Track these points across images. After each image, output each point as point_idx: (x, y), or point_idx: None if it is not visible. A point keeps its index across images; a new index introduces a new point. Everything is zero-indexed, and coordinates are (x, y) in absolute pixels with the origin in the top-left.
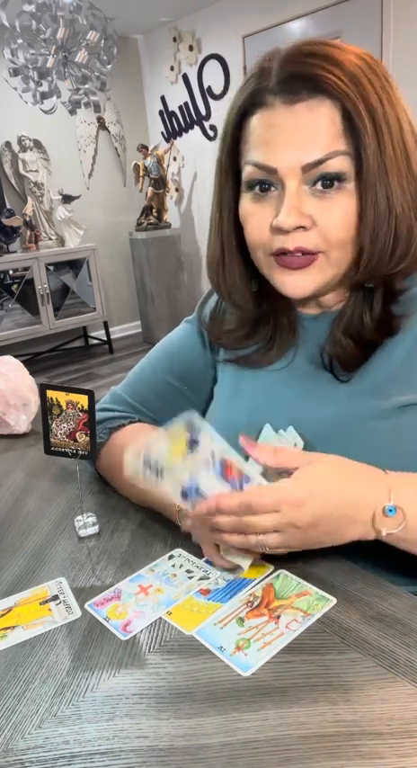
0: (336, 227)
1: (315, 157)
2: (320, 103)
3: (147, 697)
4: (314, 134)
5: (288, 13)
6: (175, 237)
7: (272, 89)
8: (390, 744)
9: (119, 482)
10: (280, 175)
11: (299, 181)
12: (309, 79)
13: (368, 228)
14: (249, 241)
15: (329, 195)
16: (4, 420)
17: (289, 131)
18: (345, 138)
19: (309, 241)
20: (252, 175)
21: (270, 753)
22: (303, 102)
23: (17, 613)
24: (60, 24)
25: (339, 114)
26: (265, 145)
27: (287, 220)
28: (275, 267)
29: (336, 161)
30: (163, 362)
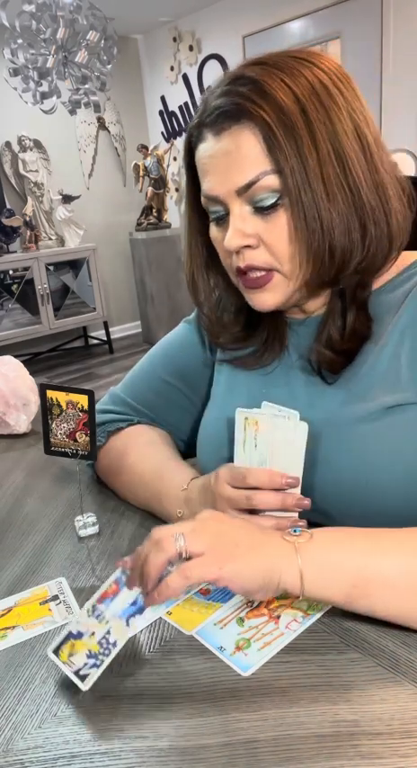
0: (279, 242)
1: (244, 181)
2: (242, 129)
3: (147, 697)
4: (240, 159)
5: (288, 13)
6: (175, 237)
7: (205, 122)
8: (390, 744)
9: (118, 484)
10: (223, 201)
11: (240, 203)
12: (231, 109)
13: (301, 240)
14: (222, 263)
15: (268, 213)
16: (4, 420)
17: (220, 160)
18: (270, 157)
19: (258, 258)
20: (205, 204)
21: (270, 753)
22: (227, 130)
23: (17, 613)
24: (60, 24)
25: (259, 137)
26: (206, 175)
27: (230, 242)
28: (241, 286)
29: (266, 180)
30: (162, 363)
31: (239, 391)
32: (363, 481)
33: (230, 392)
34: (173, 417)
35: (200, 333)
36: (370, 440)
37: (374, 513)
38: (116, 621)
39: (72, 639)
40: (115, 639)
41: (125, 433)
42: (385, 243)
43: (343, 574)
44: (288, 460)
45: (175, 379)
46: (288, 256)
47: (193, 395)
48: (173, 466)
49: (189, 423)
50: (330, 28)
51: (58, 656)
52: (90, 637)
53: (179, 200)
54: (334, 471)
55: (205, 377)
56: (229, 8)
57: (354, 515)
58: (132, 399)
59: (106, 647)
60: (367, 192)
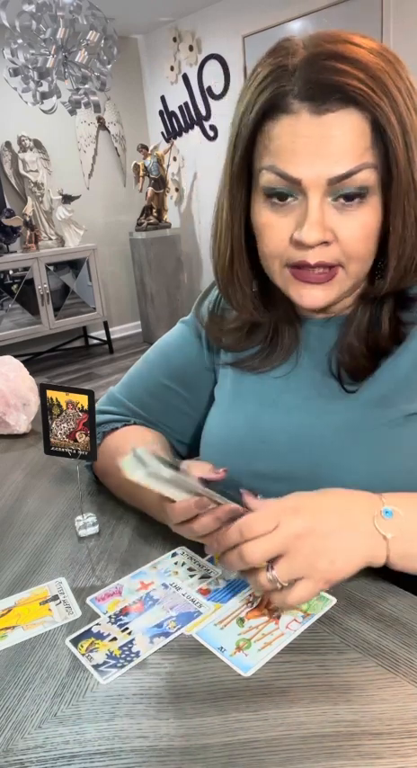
0: (357, 241)
1: (343, 171)
2: (350, 114)
3: (147, 697)
4: (343, 147)
5: (288, 13)
6: (175, 237)
7: (298, 94)
8: (390, 744)
9: (114, 485)
10: (304, 187)
11: (323, 193)
12: (338, 89)
13: (396, 242)
14: (265, 251)
15: (351, 208)
16: (4, 420)
17: (316, 143)
18: (373, 150)
19: (330, 255)
20: (272, 183)
21: (270, 753)
22: (332, 112)
23: (17, 613)
24: (60, 24)
25: (369, 126)
26: (289, 154)
27: (310, 236)
28: (292, 281)
29: (363, 174)
30: (158, 364)
31: (247, 395)
32: (380, 489)
33: (238, 396)
34: (170, 419)
35: (198, 333)
36: (389, 447)
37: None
38: (140, 635)
39: (93, 637)
40: (138, 650)
41: (119, 434)
42: None
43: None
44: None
45: (171, 381)
46: (360, 255)
47: (191, 397)
48: None
49: (187, 425)
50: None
51: (77, 648)
52: (111, 641)
53: (179, 200)
54: (351, 478)
55: (204, 378)
56: (229, 8)
57: None
58: (129, 401)
59: (129, 655)
60: None
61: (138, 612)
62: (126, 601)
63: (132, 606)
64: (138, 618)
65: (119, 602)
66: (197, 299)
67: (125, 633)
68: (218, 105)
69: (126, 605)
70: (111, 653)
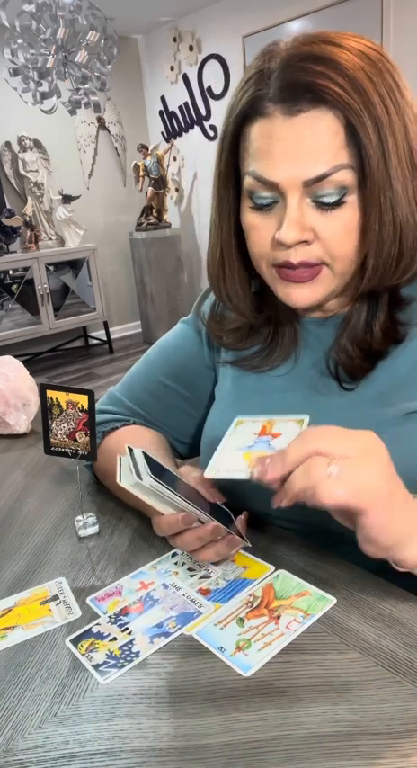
0: (338, 240)
1: (317, 173)
2: (322, 115)
3: (147, 697)
4: (316, 148)
5: (288, 13)
6: (175, 237)
7: (272, 97)
8: (390, 744)
9: (115, 485)
10: (281, 189)
11: (301, 194)
12: (310, 89)
13: (372, 241)
14: (252, 252)
15: (330, 208)
16: (4, 420)
17: (290, 144)
18: (348, 150)
19: (312, 254)
20: (253, 187)
21: (270, 753)
22: (303, 113)
23: (17, 613)
24: (60, 24)
25: (342, 126)
26: (265, 158)
27: (288, 235)
28: (278, 280)
29: (339, 175)
30: (158, 364)
31: (249, 394)
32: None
33: (239, 394)
34: (170, 419)
35: (199, 332)
36: (388, 446)
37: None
38: (140, 635)
39: (93, 637)
40: (138, 650)
41: (119, 434)
42: None
43: None
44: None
45: (172, 381)
46: (343, 254)
47: (191, 396)
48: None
49: (187, 424)
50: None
51: (77, 648)
52: (111, 641)
53: (179, 200)
54: None
55: (204, 377)
56: (229, 8)
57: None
58: (129, 400)
59: (129, 655)
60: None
61: (138, 612)
62: (126, 601)
63: (132, 606)
64: (138, 618)
65: (119, 602)
66: (197, 299)
67: (125, 633)
68: (218, 105)
69: (126, 605)
70: (111, 653)
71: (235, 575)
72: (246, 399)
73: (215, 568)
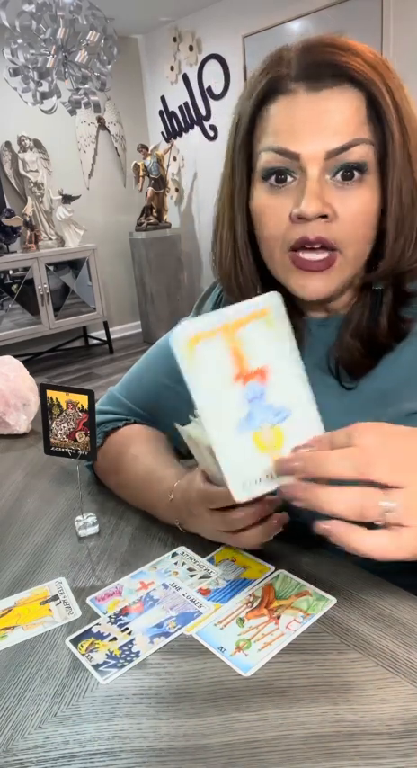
0: (357, 219)
1: (340, 143)
2: (345, 90)
3: (147, 697)
4: (339, 121)
5: (288, 13)
6: (175, 237)
7: (295, 76)
8: (390, 744)
9: (115, 484)
10: (302, 162)
11: (321, 169)
12: (333, 66)
13: (393, 221)
14: (265, 235)
15: (350, 187)
16: (4, 420)
17: (314, 117)
18: (369, 126)
19: (330, 233)
20: (270, 163)
21: (270, 753)
22: (328, 88)
23: (17, 613)
24: (60, 24)
25: (364, 102)
26: (288, 131)
27: (309, 207)
28: (292, 270)
29: (360, 149)
30: (158, 364)
31: None
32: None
33: None
34: (171, 419)
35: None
36: None
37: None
38: (140, 635)
39: (93, 637)
40: (138, 650)
41: (121, 433)
42: None
43: None
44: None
45: (172, 381)
46: (359, 236)
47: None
48: (161, 470)
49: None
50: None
51: (77, 648)
52: (111, 641)
53: (179, 200)
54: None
55: None
56: (229, 8)
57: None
58: (129, 400)
59: (129, 655)
60: None
61: (138, 612)
62: (126, 601)
63: (132, 606)
64: (138, 618)
65: (119, 602)
66: (198, 299)
67: (125, 633)
68: (218, 105)
69: (126, 605)
70: (111, 653)
71: (235, 575)
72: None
73: (215, 568)
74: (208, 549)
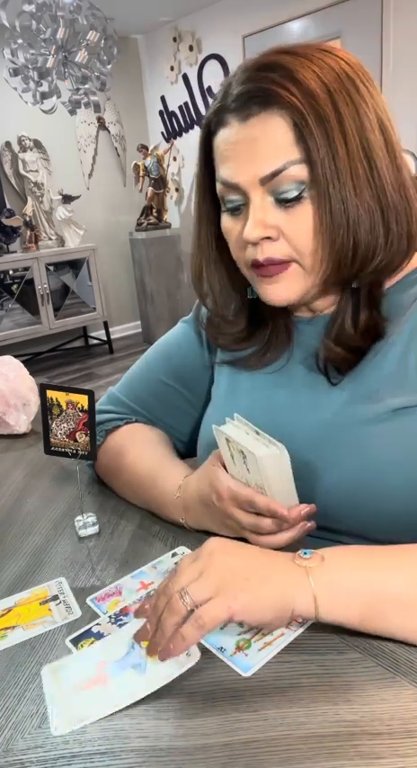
0: (301, 235)
1: (270, 169)
2: (270, 116)
3: (148, 697)
4: (268, 147)
5: (288, 13)
6: (175, 237)
7: (229, 107)
8: (390, 744)
9: (117, 484)
10: (243, 190)
11: (262, 193)
12: (258, 94)
13: (325, 234)
14: (233, 256)
15: (291, 205)
16: (4, 420)
17: (244, 146)
18: (299, 146)
19: (278, 251)
20: (222, 192)
21: (270, 753)
22: (255, 116)
23: (17, 613)
24: (60, 24)
25: (289, 125)
26: (226, 162)
27: (251, 233)
28: (257, 280)
29: (293, 170)
30: (159, 363)
31: (241, 393)
32: (369, 483)
33: (232, 393)
34: (171, 418)
35: (199, 333)
36: (376, 441)
37: (379, 517)
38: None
39: (93, 637)
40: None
41: (122, 432)
42: (404, 242)
43: (357, 596)
44: (283, 488)
45: (172, 380)
46: (309, 250)
47: (191, 395)
48: (166, 467)
49: (187, 423)
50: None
51: (77, 648)
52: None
53: (179, 200)
54: (339, 473)
55: (203, 377)
56: (229, 8)
57: (360, 518)
58: (129, 400)
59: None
60: (391, 191)
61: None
62: (126, 601)
63: (132, 606)
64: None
65: (119, 602)
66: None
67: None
68: None
69: (126, 605)
70: None
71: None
72: (238, 399)
73: None
74: None
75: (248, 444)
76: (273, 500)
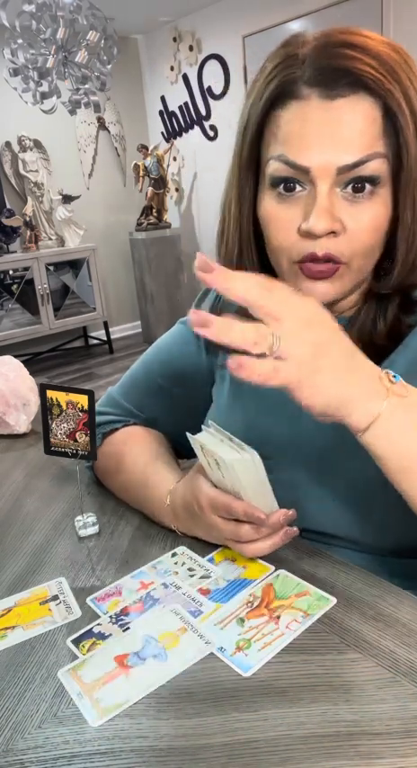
0: (366, 233)
1: (353, 159)
2: (360, 100)
3: (147, 697)
4: (354, 133)
5: (288, 13)
6: (175, 237)
7: (308, 79)
8: (389, 744)
9: (115, 485)
10: (312, 176)
11: (332, 182)
12: (349, 73)
13: (405, 234)
14: (273, 246)
15: (361, 200)
16: (4, 420)
17: (326, 129)
18: (384, 139)
19: (338, 248)
20: (279, 172)
21: (270, 753)
22: (342, 97)
23: (17, 613)
24: (60, 24)
25: (380, 114)
26: (298, 142)
27: (318, 225)
28: (300, 277)
29: (374, 164)
30: (156, 365)
31: (246, 397)
32: (377, 492)
33: (237, 397)
34: (168, 420)
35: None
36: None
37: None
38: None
39: (94, 638)
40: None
41: (119, 435)
42: None
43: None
44: (258, 493)
45: (169, 382)
46: (366, 250)
47: (189, 397)
48: (159, 473)
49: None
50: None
51: (78, 648)
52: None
53: (179, 200)
54: (348, 482)
55: (202, 379)
56: (229, 8)
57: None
58: (127, 402)
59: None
60: None
61: (139, 612)
62: (126, 601)
63: (132, 606)
64: (139, 618)
65: (119, 602)
66: (196, 300)
67: (126, 633)
68: (218, 105)
69: (126, 605)
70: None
71: (235, 575)
72: (244, 402)
73: (215, 568)
74: (208, 549)
75: (220, 451)
76: (250, 504)
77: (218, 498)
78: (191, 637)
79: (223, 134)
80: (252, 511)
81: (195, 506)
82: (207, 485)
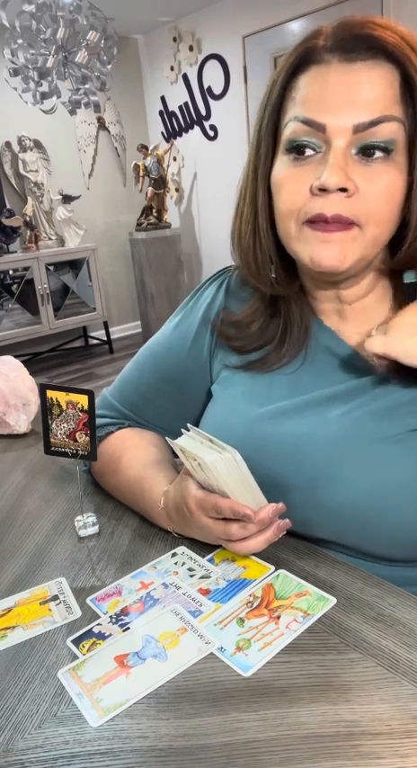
0: (380, 197)
1: (369, 118)
2: (379, 64)
3: (147, 697)
4: (371, 94)
5: (288, 13)
6: (175, 237)
7: (329, 47)
8: (390, 744)
9: (111, 489)
10: (328, 134)
11: (347, 142)
12: (369, 39)
13: (402, 205)
14: (282, 209)
15: (375, 164)
16: (4, 420)
17: (344, 88)
18: (401, 105)
19: (349, 209)
20: (295, 134)
21: (270, 753)
22: (361, 61)
23: (17, 613)
24: (60, 24)
25: (398, 79)
26: (316, 100)
27: (331, 178)
28: (309, 238)
29: (389, 125)
30: (149, 366)
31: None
32: (380, 503)
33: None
34: (163, 420)
35: (191, 331)
36: (390, 462)
37: (389, 537)
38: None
39: (94, 638)
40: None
41: (114, 438)
42: None
43: None
44: (244, 491)
45: (163, 382)
46: (380, 217)
47: (183, 397)
48: (153, 476)
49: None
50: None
51: (78, 648)
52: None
53: (179, 201)
54: (351, 490)
55: (196, 377)
56: (229, 8)
57: (368, 537)
58: (121, 404)
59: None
60: None
61: (139, 612)
62: (126, 601)
63: (132, 606)
64: (139, 617)
65: (119, 602)
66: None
67: (126, 633)
68: (218, 105)
69: (126, 605)
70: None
71: (235, 575)
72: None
73: (215, 568)
74: (208, 549)
75: (200, 452)
76: (236, 501)
77: (206, 499)
78: (191, 637)
79: (223, 134)
80: (239, 508)
81: (185, 509)
82: (194, 487)
